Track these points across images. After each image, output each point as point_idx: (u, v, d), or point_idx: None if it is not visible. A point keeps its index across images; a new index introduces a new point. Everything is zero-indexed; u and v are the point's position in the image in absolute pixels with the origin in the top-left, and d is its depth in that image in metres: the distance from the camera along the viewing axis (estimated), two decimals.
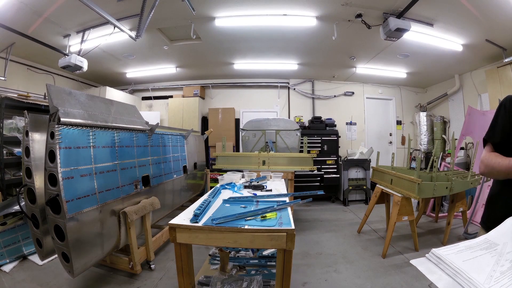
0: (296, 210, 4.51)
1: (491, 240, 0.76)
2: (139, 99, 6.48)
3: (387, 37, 3.25)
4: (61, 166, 1.65)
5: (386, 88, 6.42)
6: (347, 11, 3.22)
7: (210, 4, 3.18)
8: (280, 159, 3.50)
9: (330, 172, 5.23)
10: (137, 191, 2.40)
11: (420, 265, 0.71)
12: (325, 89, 6.23)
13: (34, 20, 3.25)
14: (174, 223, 1.32)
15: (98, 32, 3.67)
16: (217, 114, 6.00)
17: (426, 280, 0.78)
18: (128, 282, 2.23)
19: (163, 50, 4.54)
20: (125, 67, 5.38)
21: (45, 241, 1.97)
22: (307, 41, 4.14)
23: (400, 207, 2.73)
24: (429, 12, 3.22)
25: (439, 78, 5.77)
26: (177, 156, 3.39)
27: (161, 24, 3.71)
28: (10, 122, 3.28)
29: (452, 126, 5.65)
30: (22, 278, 2.27)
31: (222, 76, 6.04)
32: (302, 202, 1.69)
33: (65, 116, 1.71)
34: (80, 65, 3.80)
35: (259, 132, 4.00)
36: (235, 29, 3.75)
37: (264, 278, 2.00)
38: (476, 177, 3.22)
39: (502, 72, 4.05)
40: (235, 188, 2.20)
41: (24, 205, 2.05)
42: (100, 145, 2.00)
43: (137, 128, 2.50)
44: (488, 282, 0.61)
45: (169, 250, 2.90)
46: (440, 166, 4.30)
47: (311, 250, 2.93)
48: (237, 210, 1.54)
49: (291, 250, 1.27)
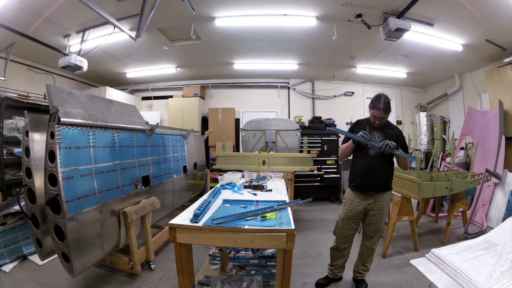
0: (296, 210, 4.51)
1: (491, 240, 0.76)
2: (139, 99, 6.47)
3: (387, 37, 3.25)
4: (61, 166, 1.65)
5: (386, 88, 6.41)
6: (347, 11, 3.22)
7: (210, 4, 3.18)
8: (280, 159, 3.50)
9: (330, 172, 5.23)
10: (137, 191, 2.40)
11: (420, 265, 0.71)
12: (325, 89, 6.23)
13: (34, 20, 3.25)
14: (174, 223, 1.32)
15: (98, 32, 3.67)
16: (217, 114, 6.00)
17: (426, 280, 0.78)
18: (128, 282, 2.23)
19: (163, 50, 4.53)
20: (125, 67, 5.38)
21: (45, 241, 1.96)
22: (307, 41, 4.14)
23: (400, 207, 2.73)
24: (429, 12, 3.22)
25: (439, 78, 5.77)
26: (177, 156, 3.39)
27: (161, 24, 3.71)
28: (10, 122, 3.28)
29: (452, 126, 5.65)
30: (22, 278, 2.27)
31: (222, 76, 6.04)
32: (302, 202, 1.69)
33: (65, 116, 1.71)
34: (80, 65, 3.80)
35: (259, 132, 3.99)
36: (235, 29, 3.75)
37: (264, 278, 2.00)
38: (476, 177, 3.22)
39: (502, 72, 4.05)
40: (235, 188, 2.20)
41: (24, 205, 2.05)
42: (100, 145, 2.00)
43: (137, 128, 2.50)
44: (488, 282, 0.61)
45: (169, 250, 2.90)
46: (440, 166, 4.30)
47: (311, 250, 2.93)
48: (237, 210, 1.54)
49: (291, 250, 1.27)
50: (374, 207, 2.04)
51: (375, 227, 2.08)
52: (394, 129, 2.12)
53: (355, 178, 2.08)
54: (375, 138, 2.02)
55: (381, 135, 2.04)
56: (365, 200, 2.05)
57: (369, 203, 2.04)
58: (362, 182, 2.03)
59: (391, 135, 2.03)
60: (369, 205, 2.04)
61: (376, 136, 2.04)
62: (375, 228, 2.08)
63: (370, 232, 2.11)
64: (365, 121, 2.17)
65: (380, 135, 2.03)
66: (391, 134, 2.04)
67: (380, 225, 2.07)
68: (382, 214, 2.05)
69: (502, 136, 3.76)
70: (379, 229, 2.08)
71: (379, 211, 2.04)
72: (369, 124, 2.09)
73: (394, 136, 2.02)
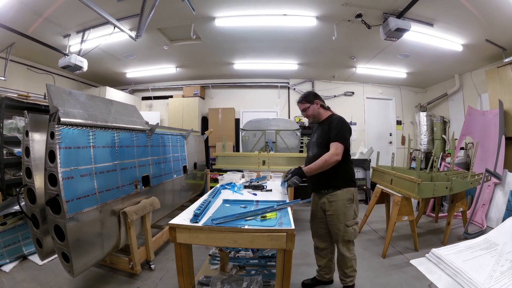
0: (296, 210, 4.50)
1: (491, 240, 0.76)
2: (139, 99, 6.48)
3: (387, 37, 3.25)
4: (61, 166, 1.65)
5: (386, 88, 6.42)
6: (347, 11, 3.22)
7: (210, 4, 3.18)
8: (280, 159, 3.50)
9: None
10: (137, 191, 2.40)
11: (420, 265, 0.71)
12: (325, 89, 6.23)
13: (34, 20, 3.25)
14: (174, 223, 1.32)
15: (98, 32, 3.67)
16: (217, 114, 6.00)
17: (426, 280, 0.78)
18: (128, 282, 2.23)
19: (163, 50, 4.53)
20: (125, 67, 5.38)
21: (45, 241, 1.96)
22: (307, 41, 4.14)
23: (400, 207, 2.73)
24: (429, 12, 3.22)
25: (439, 78, 5.77)
26: (177, 156, 3.39)
27: (161, 24, 3.71)
28: (10, 122, 3.28)
29: (452, 126, 5.65)
30: (22, 278, 2.27)
31: (222, 76, 6.04)
32: (302, 202, 1.69)
33: (65, 116, 1.71)
34: (80, 65, 3.80)
35: (259, 132, 3.99)
36: (235, 29, 3.75)
37: (264, 278, 2.00)
38: (476, 177, 3.22)
39: (502, 72, 4.05)
40: (235, 188, 2.20)
41: (24, 205, 2.05)
42: (100, 145, 2.00)
43: (137, 128, 2.50)
44: (488, 282, 0.61)
45: (169, 250, 2.90)
46: (440, 166, 4.30)
47: (311, 250, 2.90)
48: (237, 210, 1.54)
49: (291, 250, 1.27)
50: (330, 207, 1.94)
51: (333, 229, 1.95)
52: (328, 122, 1.99)
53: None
54: (314, 137, 2.08)
55: (318, 132, 2.05)
56: (319, 199, 2.02)
57: (323, 203, 1.98)
58: (310, 180, 2.01)
59: (324, 131, 1.97)
60: (323, 205, 1.98)
61: (315, 135, 2.08)
62: (333, 229, 1.96)
63: (333, 235, 2.00)
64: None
65: (317, 133, 2.05)
66: (324, 130, 1.98)
67: (337, 227, 1.92)
68: (338, 215, 1.91)
69: (502, 136, 3.76)
70: (338, 231, 1.92)
71: (335, 211, 1.91)
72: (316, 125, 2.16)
73: (326, 132, 1.95)
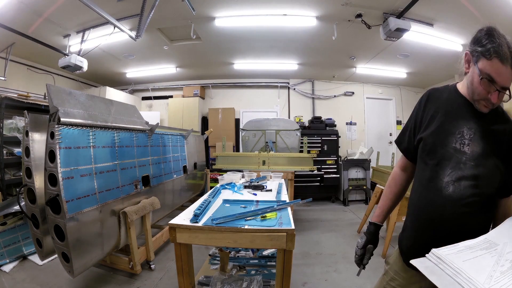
0: (296, 210, 4.51)
1: (491, 240, 0.76)
2: (139, 99, 6.47)
3: (387, 37, 3.25)
4: (61, 166, 1.65)
5: (386, 88, 6.41)
6: (347, 11, 3.22)
7: (210, 4, 3.18)
8: (280, 159, 3.50)
9: (330, 172, 5.23)
10: (137, 191, 2.40)
11: (420, 265, 0.71)
12: (325, 89, 6.23)
13: (34, 20, 3.25)
14: (174, 223, 1.32)
15: (98, 32, 3.67)
16: (217, 114, 6.00)
17: None
18: (128, 282, 2.23)
19: (163, 50, 4.53)
20: (125, 67, 5.37)
21: (45, 241, 1.96)
22: (307, 41, 4.14)
23: (400, 207, 2.72)
24: (429, 12, 3.22)
25: (439, 78, 5.76)
26: (177, 156, 3.39)
27: (161, 24, 3.70)
28: (10, 122, 3.28)
29: None
30: (22, 278, 2.27)
31: (222, 76, 6.03)
32: (302, 202, 1.69)
33: (65, 116, 1.71)
34: (80, 65, 3.80)
35: (259, 132, 4.00)
36: (235, 29, 3.75)
37: (264, 278, 2.00)
38: None
39: None
40: (235, 188, 2.20)
41: (24, 205, 2.05)
42: (100, 145, 2.00)
43: (137, 128, 2.50)
44: (488, 282, 0.61)
45: (169, 250, 2.90)
46: None
47: (311, 250, 2.93)
48: (237, 210, 1.54)
49: (291, 250, 1.27)
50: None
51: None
52: (507, 122, 0.93)
53: (407, 229, 1.03)
54: (467, 146, 0.88)
55: (481, 137, 0.88)
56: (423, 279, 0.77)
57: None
58: (421, 238, 0.94)
59: (500, 132, 0.90)
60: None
61: (471, 137, 0.88)
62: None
63: None
64: (451, 96, 0.97)
65: (479, 138, 0.88)
66: (499, 131, 0.90)
67: None
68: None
69: None
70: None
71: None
72: (462, 104, 0.93)
73: (507, 142, 0.89)
